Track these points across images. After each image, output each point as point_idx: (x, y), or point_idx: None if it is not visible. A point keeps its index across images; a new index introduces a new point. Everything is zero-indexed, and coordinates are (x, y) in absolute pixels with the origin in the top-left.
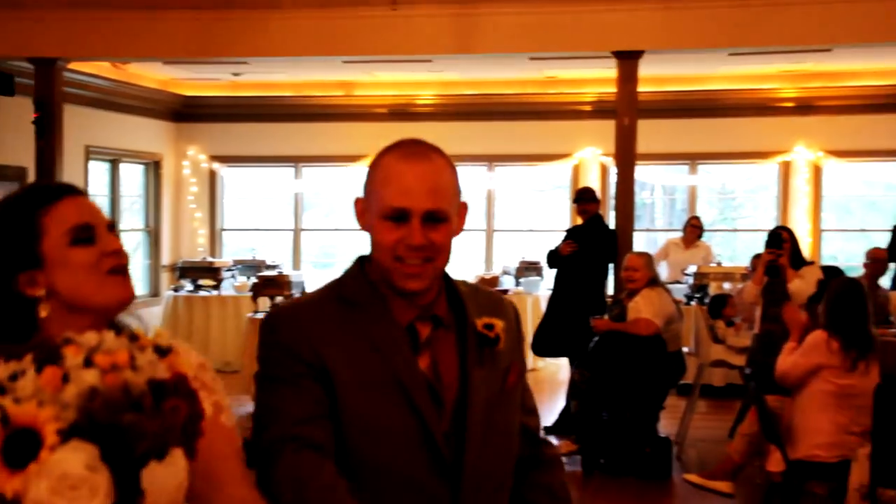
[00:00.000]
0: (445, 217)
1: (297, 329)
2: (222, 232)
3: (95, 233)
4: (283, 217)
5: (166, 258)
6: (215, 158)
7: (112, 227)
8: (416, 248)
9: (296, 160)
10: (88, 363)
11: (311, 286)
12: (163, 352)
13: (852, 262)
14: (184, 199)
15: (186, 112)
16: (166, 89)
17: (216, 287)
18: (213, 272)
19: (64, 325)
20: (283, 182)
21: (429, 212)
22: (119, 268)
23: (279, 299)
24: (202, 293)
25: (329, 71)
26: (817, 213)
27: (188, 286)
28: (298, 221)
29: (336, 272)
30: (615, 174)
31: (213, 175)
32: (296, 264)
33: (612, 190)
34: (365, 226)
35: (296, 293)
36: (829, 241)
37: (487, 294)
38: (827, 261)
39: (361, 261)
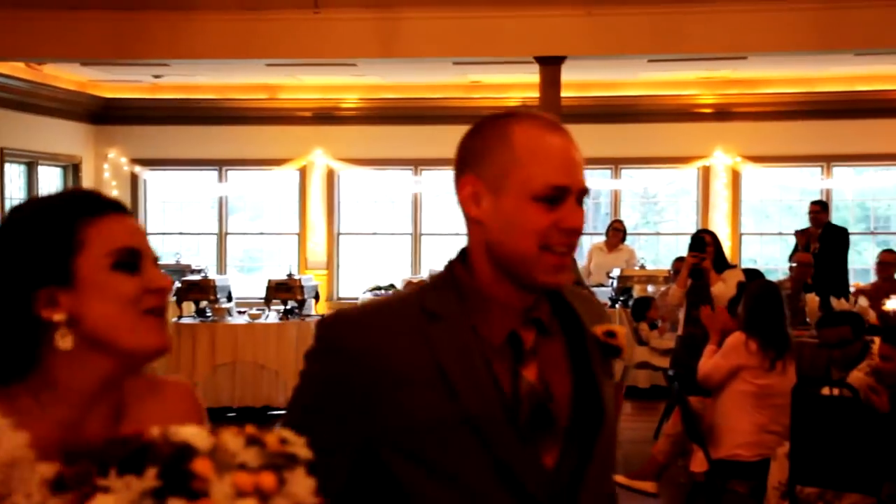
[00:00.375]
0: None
1: (359, 349)
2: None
3: (141, 261)
4: (208, 221)
5: None
6: (137, 161)
7: (156, 260)
8: (572, 232)
9: (220, 163)
10: (240, 493)
11: (237, 291)
12: (300, 462)
13: (771, 265)
14: None
15: (106, 114)
16: (85, 91)
17: None
18: None
19: (76, 364)
20: (207, 185)
21: (582, 191)
22: (158, 310)
23: (204, 304)
24: None
25: (252, 74)
26: (736, 216)
27: None
28: (223, 225)
29: (262, 277)
30: None
31: (134, 178)
32: (221, 269)
33: None
34: (481, 212)
35: (221, 298)
36: (749, 244)
37: (584, 296)
38: (746, 264)
39: (452, 265)
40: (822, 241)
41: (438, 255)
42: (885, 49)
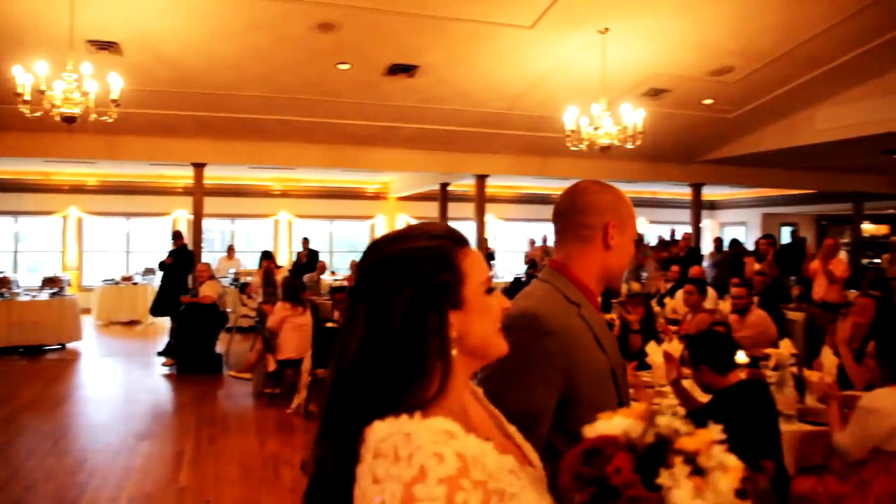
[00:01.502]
0: None
1: (558, 330)
2: None
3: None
4: (7, 245)
5: None
6: None
7: None
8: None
9: (14, 213)
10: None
11: (24, 282)
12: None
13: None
14: None
15: None
16: None
17: None
18: None
19: (458, 369)
20: (6, 226)
21: None
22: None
23: (4, 290)
24: None
25: (35, 165)
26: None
27: None
28: (16, 246)
29: (41, 274)
30: (193, 224)
31: None
32: (15, 270)
33: (192, 232)
34: (612, 243)
35: (14, 287)
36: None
37: None
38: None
39: (558, 272)
40: (307, 258)
41: (141, 262)
42: (359, 168)
